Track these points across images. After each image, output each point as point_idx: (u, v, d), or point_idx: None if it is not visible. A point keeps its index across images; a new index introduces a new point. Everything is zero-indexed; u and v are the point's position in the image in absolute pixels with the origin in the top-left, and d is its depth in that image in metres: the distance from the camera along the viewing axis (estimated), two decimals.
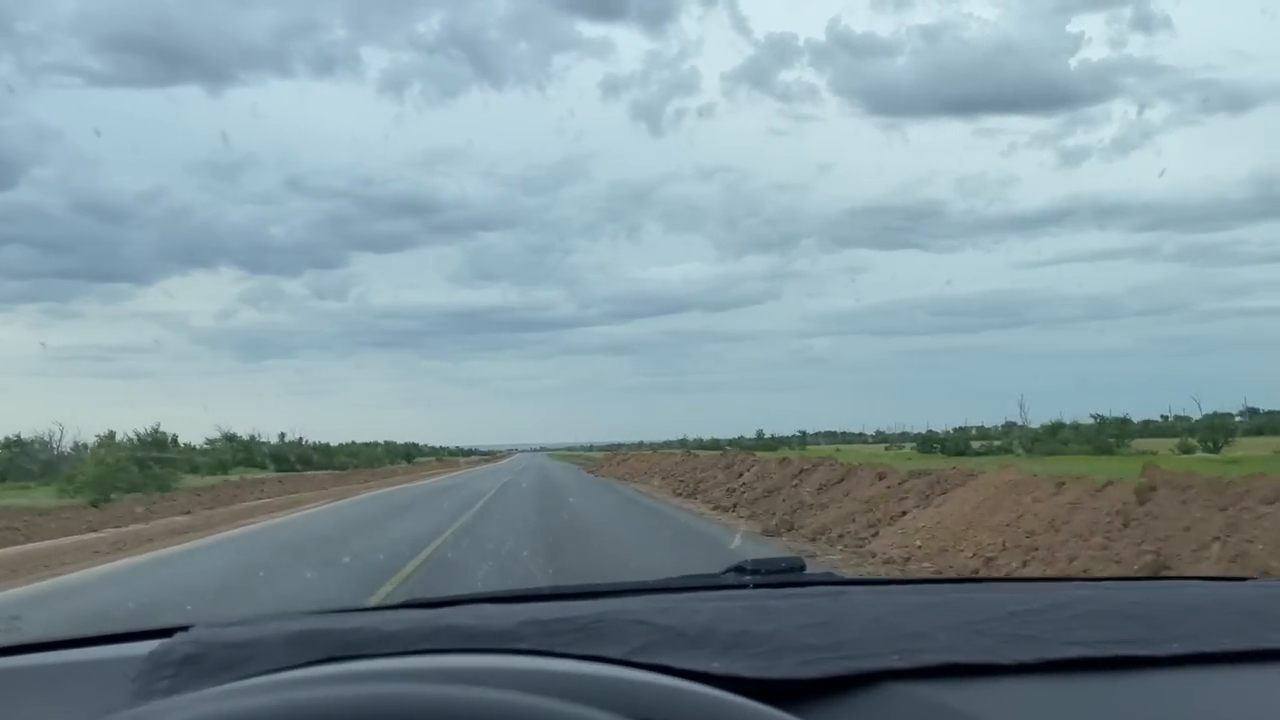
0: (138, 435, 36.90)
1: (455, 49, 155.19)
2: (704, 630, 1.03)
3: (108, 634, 1.29)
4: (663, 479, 36.13)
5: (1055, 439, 35.13)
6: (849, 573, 9.33)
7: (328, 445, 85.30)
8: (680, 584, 1.54)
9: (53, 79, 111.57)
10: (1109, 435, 33.92)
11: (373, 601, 7.90)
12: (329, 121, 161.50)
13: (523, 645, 0.99)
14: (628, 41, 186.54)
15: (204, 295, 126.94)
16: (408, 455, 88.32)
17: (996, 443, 41.58)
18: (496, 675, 0.83)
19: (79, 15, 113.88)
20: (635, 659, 0.95)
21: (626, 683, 0.81)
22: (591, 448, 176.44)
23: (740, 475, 27.41)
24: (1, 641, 1.29)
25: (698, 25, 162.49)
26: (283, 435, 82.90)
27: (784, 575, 1.57)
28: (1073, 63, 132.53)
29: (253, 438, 68.26)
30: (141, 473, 29.94)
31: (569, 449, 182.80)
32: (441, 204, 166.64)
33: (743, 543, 14.12)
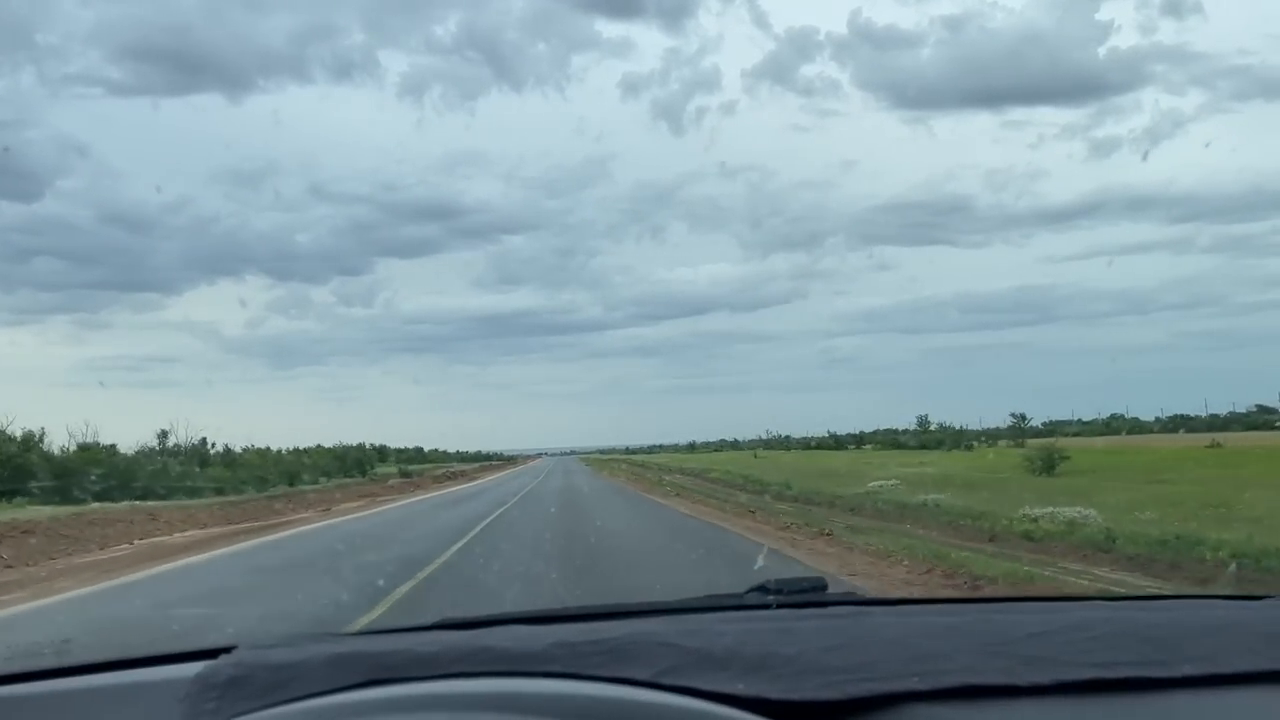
0: None
1: (473, 51, 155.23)
2: (729, 652, 1.05)
3: (154, 655, 1.30)
4: None
5: None
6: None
7: (229, 452, 54.83)
8: (705, 604, 1.57)
9: (74, 90, 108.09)
10: None
11: None
12: (350, 127, 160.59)
13: (554, 668, 1.02)
14: (647, 39, 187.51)
15: (232, 304, 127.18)
16: (362, 466, 55.93)
17: None
18: (531, 700, 0.88)
19: (97, 25, 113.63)
20: (663, 681, 0.97)
21: (655, 707, 0.86)
22: (630, 450, 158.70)
23: None
24: (52, 664, 1.30)
25: (717, 21, 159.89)
26: (163, 435, 52.14)
27: (806, 595, 1.57)
28: (1101, 51, 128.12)
29: (35, 439, 37.24)
30: None
31: (600, 451, 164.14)
32: (464, 208, 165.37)
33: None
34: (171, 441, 53.23)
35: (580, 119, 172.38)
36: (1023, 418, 59.09)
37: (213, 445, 56.37)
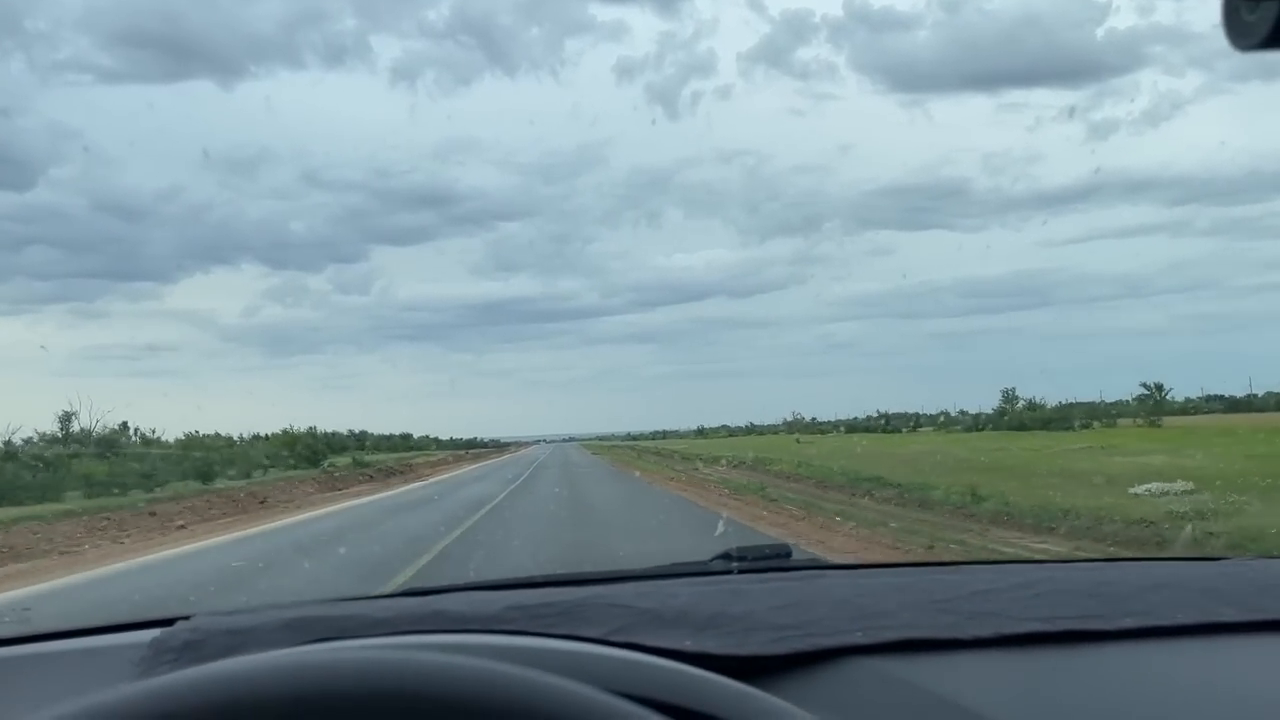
0: None
1: (466, 35, 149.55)
2: (680, 612, 1.08)
3: (113, 624, 1.31)
4: None
5: None
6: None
7: (146, 440, 43.75)
8: (667, 571, 1.57)
9: (65, 77, 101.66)
10: None
11: None
12: (343, 113, 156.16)
13: (507, 627, 1.04)
14: (641, 23, 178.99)
15: (228, 292, 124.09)
16: (314, 456, 44.02)
17: None
18: (478, 651, 0.88)
19: (86, 10, 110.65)
20: (612, 639, 1.00)
21: (602, 659, 0.89)
22: (631, 436, 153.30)
23: None
24: (13, 632, 1.31)
25: (712, 4, 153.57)
26: (66, 420, 41.90)
27: (768, 561, 1.58)
28: (1099, 32, 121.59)
29: None
30: None
31: (600, 438, 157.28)
32: (459, 195, 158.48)
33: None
34: (76, 427, 42.69)
35: (575, 104, 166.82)
36: (1159, 388, 47.08)
37: (135, 431, 45.90)
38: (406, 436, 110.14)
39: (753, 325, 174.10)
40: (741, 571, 1.49)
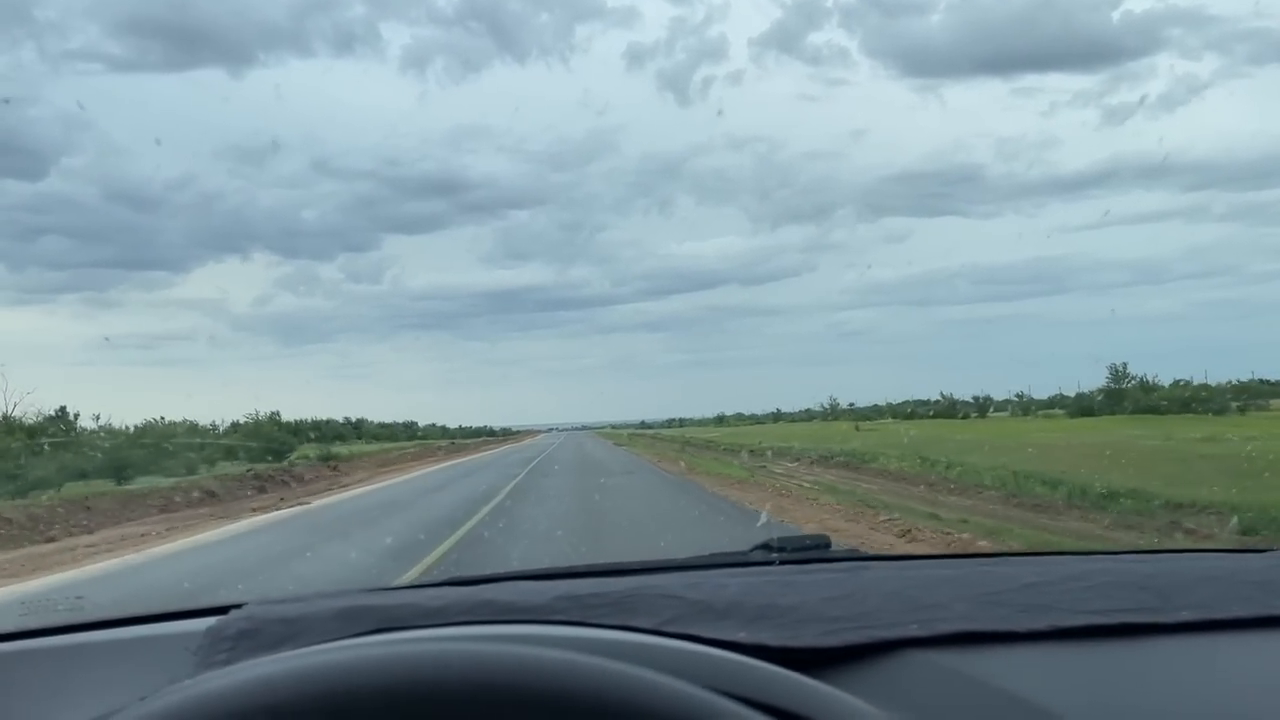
0: None
1: (475, 22, 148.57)
2: (731, 603, 1.08)
3: (167, 612, 1.32)
4: None
5: None
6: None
7: (75, 429, 36.45)
8: (709, 561, 1.57)
9: (75, 66, 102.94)
10: None
11: None
12: (353, 101, 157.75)
13: (558, 618, 1.04)
14: (652, 8, 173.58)
15: (240, 281, 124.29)
16: (277, 448, 35.99)
17: None
18: (535, 642, 0.88)
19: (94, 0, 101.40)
20: (666, 630, 1.01)
21: (658, 649, 0.89)
22: (645, 424, 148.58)
23: None
24: (67, 620, 1.31)
25: None
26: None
27: (809, 552, 1.57)
28: (1115, 15, 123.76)
29: None
30: None
31: (614, 426, 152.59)
32: (470, 183, 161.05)
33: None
34: None
35: (585, 91, 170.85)
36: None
37: (75, 418, 38.44)
38: (410, 425, 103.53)
39: (766, 313, 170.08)
40: (783, 562, 1.48)
